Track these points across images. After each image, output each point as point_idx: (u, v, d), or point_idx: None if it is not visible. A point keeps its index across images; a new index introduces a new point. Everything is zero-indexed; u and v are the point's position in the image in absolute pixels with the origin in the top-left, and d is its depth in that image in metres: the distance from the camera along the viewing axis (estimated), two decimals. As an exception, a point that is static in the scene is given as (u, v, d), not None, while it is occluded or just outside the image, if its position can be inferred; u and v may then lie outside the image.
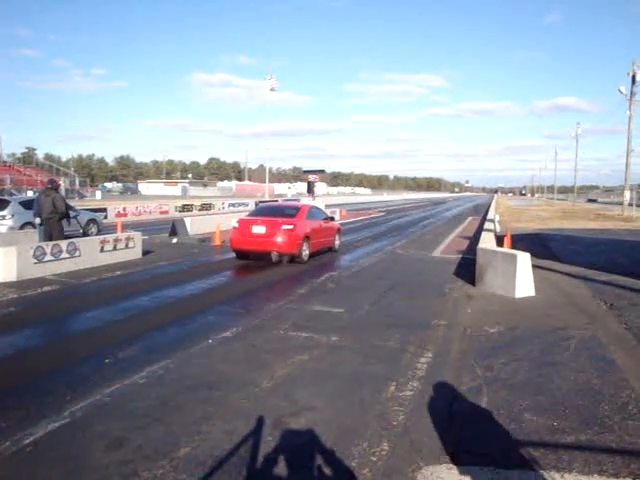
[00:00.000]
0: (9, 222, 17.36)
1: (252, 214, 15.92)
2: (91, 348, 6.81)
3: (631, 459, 3.95)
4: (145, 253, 15.14)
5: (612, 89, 50.58)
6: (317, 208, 17.22)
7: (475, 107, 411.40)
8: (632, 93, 40.45)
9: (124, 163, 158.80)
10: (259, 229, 13.99)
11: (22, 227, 17.24)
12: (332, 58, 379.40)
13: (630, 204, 42.25)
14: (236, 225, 14.62)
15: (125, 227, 20.73)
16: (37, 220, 13.41)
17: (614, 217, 38.70)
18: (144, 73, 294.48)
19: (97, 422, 4.65)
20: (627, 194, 43.12)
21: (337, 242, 17.19)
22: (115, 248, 13.94)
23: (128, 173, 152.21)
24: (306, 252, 14.36)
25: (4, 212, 17.52)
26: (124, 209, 31.37)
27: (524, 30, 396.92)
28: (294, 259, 14.04)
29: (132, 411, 4.91)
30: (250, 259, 14.46)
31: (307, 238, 14.40)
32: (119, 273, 12.37)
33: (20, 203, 18.30)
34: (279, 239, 13.69)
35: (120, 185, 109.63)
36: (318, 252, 15.57)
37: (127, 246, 14.43)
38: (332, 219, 17.68)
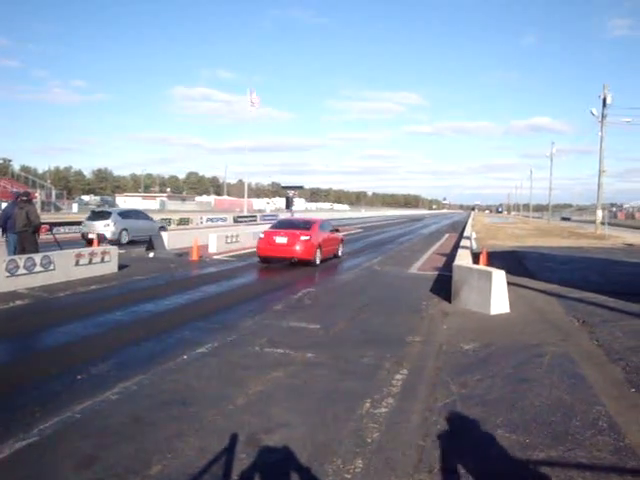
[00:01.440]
0: (112, 228, 22.53)
1: (274, 227, 18.56)
2: (63, 364, 6.70)
3: (600, 474, 3.99)
4: (121, 267, 14.98)
5: (585, 111, 51.79)
6: (326, 222, 20.35)
7: (453, 125, 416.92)
8: (603, 115, 41.36)
9: (102, 176, 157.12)
10: (282, 239, 16.73)
11: (120, 232, 22.72)
12: (313, 74, 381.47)
13: (602, 223, 42.97)
14: (262, 236, 17.40)
15: (102, 241, 20.49)
16: None
17: (587, 235, 39.36)
18: (124, 86, 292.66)
19: (67, 440, 4.57)
20: (599, 213, 43.91)
21: (340, 250, 20.32)
22: (91, 262, 13.77)
23: (106, 186, 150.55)
24: (319, 258, 17.31)
25: (108, 221, 22.63)
26: (101, 223, 30.95)
27: (501, 51, 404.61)
28: (309, 263, 16.77)
29: (103, 428, 4.83)
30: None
31: (319, 246, 17.32)
32: (94, 287, 12.21)
33: (118, 214, 23.83)
34: (298, 247, 16.47)
35: (97, 198, 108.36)
36: (327, 258, 18.30)
37: (103, 260, 14.26)
38: (337, 231, 20.49)
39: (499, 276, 10.25)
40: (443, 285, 13.03)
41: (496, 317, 9.80)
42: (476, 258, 15.68)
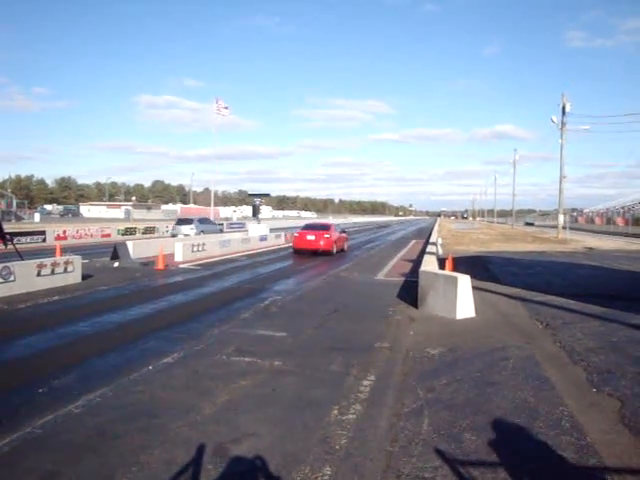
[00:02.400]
0: (195, 230, 32.21)
1: (304, 228, 25.97)
2: (23, 377, 6.52)
3: (564, 473, 4.06)
4: (85, 277, 14.69)
5: (546, 119, 53.03)
6: (338, 225, 29.18)
7: (419, 133, 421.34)
8: (563, 123, 42.43)
9: (65, 185, 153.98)
10: (310, 237, 24.44)
11: (200, 232, 31.82)
12: (279, 83, 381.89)
13: (564, 227, 44.04)
14: (296, 234, 25.36)
15: (65, 251, 20.04)
16: None
17: (550, 240, 40.21)
18: (88, 93, 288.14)
19: (27, 456, 4.43)
20: (561, 218, 45.01)
21: (346, 246, 27.61)
22: (53, 272, 13.46)
23: (69, 195, 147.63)
24: (334, 250, 24.66)
25: (192, 225, 32.99)
26: (64, 232, 30.38)
27: (464, 60, 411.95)
28: (329, 254, 24.04)
29: (66, 443, 4.71)
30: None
31: (335, 242, 24.86)
32: (57, 298, 11.94)
33: (197, 220, 34.50)
34: (322, 242, 24.13)
35: (61, 207, 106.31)
36: (339, 250, 25.50)
37: (66, 270, 13.96)
38: (344, 232, 28.36)
39: (464, 281, 10.38)
40: (410, 291, 13.13)
41: (462, 322, 9.91)
42: (442, 263, 15.85)
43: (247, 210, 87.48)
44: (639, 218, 59.21)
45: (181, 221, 34.86)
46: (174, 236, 30.32)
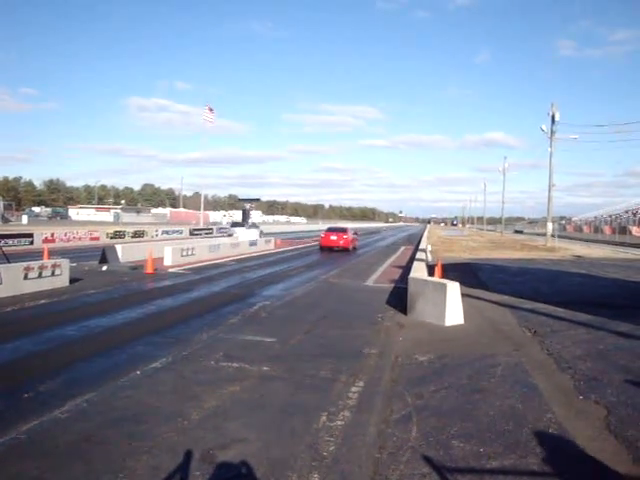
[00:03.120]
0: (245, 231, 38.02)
1: (328, 231, 33.48)
2: (8, 381, 6.44)
3: (551, 482, 4.08)
4: (73, 281, 14.59)
5: (536, 127, 53.55)
6: (352, 229, 36.73)
7: (409, 139, 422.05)
8: (552, 131, 42.74)
9: (54, 187, 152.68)
10: (333, 237, 31.97)
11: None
12: (270, 87, 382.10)
13: (552, 235, 44.33)
14: (322, 235, 32.95)
15: (52, 254, 19.91)
16: None
17: (538, 247, 40.46)
18: (77, 95, 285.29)
19: (11, 462, 4.37)
20: (549, 226, 45.31)
21: (357, 244, 35.39)
22: (40, 275, 13.36)
23: (58, 198, 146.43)
24: (350, 247, 32.32)
25: (243, 228, 38.34)
26: (52, 235, 30.17)
27: (456, 68, 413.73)
28: (346, 250, 31.49)
29: (51, 449, 4.66)
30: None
31: (351, 241, 32.50)
32: (44, 302, 11.85)
33: (248, 224, 41.44)
34: (341, 242, 31.69)
35: (49, 210, 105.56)
36: (353, 248, 32.98)
37: (53, 273, 13.86)
38: (356, 234, 35.76)
39: (454, 288, 10.41)
40: (399, 297, 13.15)
41: (451, 328, 9.94)
42: (431, 270, 15.89)
43: (237, 215, 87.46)
44: (626, 227, 59.76)
45: (234, 224, 45.25)
46: (230, 235, 38.41)
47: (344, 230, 33.61)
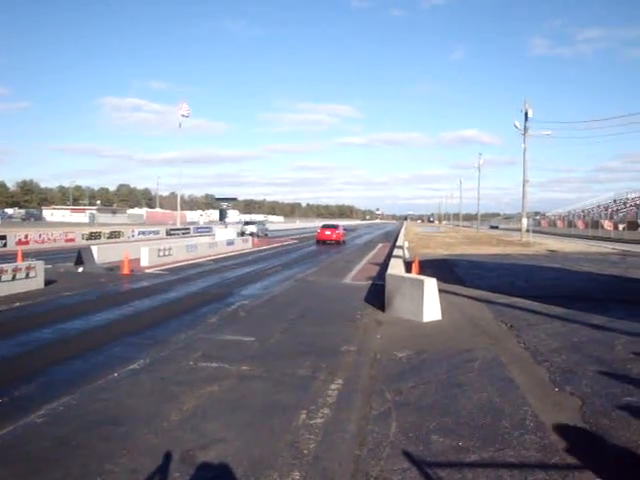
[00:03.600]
0: (255, 229, 48.03)
1: (323, 227, 41.69)
2: (-18, 387, 6.33)
3: (528, 472, 4.15)
4: (48, 283, 14.37)
5: (510, 124, 54.33)
6: (342, 226, 45.92)
7: (385, 137, 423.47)
8: (525, 128, 43.33)
9: (27, 188, 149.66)
10: (328, 232, 39.61)
11: (258, 231, 48.31)
12: (246, 85, 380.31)
13: (527, 230, 44.92)
14: (319, 230, 40.95)
15: (27, 255, 19.58)
16: None
17: (514, 242, 40.96)
18: (50, 94, 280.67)
19: (-14, 468, 4.31)
20: (524, 221, 45.93)
21: (345, 238, 41.97)
22: (14, 278, 13.13)
23: (31, 199, 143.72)
24: (341, 240, 39.55)
25: (254, 225, 50.14)
26: (26, 236, 29.66)
27: (431, 65, 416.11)
28: (339, 243, 38.59)
29: (27, 454, 4.59)
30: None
31: (342, 235, 40.10)
32: (18, 304, 11.65)
33: (258, 221, 60.34)
34: (334, 236, 39.04)
35: (22, 211, 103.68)
36: (343, 241, 40.07)
37: (28, 276, 13.64)
38: (345, 229, 44.96)
39: (431, 284, 10.49)
40: (377, 294, 13.21)
41: (428, 324, 10.02)
42: (408, 267, 15.98)
43: (214, 214, 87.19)
44: (598, 221, 60.78)
45: (247, 223, 53.26)
46: (243, 233, 42.30)
47: (336, 227, 42.72)
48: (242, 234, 41.30)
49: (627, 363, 7.07)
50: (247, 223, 53.74)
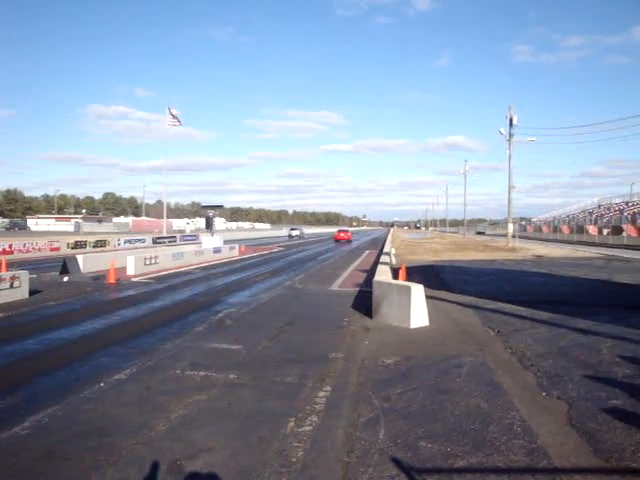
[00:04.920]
0: (299, 233, 76.26)
1: (338, 231, 67.50)
2: (-35, 399, 6.24)
3: (516, 476, 4.16)
4: (33, 293, 14.23)
5: (495, 130, 54.73)
6: (349, 229, 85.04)
7: (372, 144, 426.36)
8: (510, 134, 43.72)
9: (11, 197, 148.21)
10: (342, 234, 64.43)
11: (301, 234, 76.64)
12: (232, 93, 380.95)
13: (513, 236, 45.29)
14: (335, 233, 68.05)
15: (11, 265, 19.38)
16: None
17: (500, 248, 41.24)
18: (34, 102, 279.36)
19: (-31, 481, 4.24)
20: (510, 227, 46.31)
21: (352, 237, 68.14)
22: (-3, 289, 12.97)
23: (16, 208, 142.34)
24: (351, 239, 64.34)
25: (297, 231, 77.55)
26: (10, 246, 29.32)
27: (417, 72, 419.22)
28: (349, 242, 60.34)
29: (10, 467, 4.52)
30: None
31: (350, 236, 66.23)
32: (2, 315, 11.51)
33: (298, 228, 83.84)
34: (346, 236, 63.33)
35: (6, 221, 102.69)
36: (350, 240, 62.43)
37: (12, 286, 13.49)
38: (351, 233, 74.54)
39: (418, 290, 10.51)
40: (364, 301, 13.22)
41: (416, 330, 10.03)
42: (395, 273, 16.03)
43: (201, 222, 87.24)
44: (583, 226, 61.36)
45: (292, 229, 77.95)
46: (291, 237, 67.21)
47: (347, 230, 70.32)
48: (290, 236, 71.52)
49: (613, 367, 7.14)
50: (292, 229, 78.30)
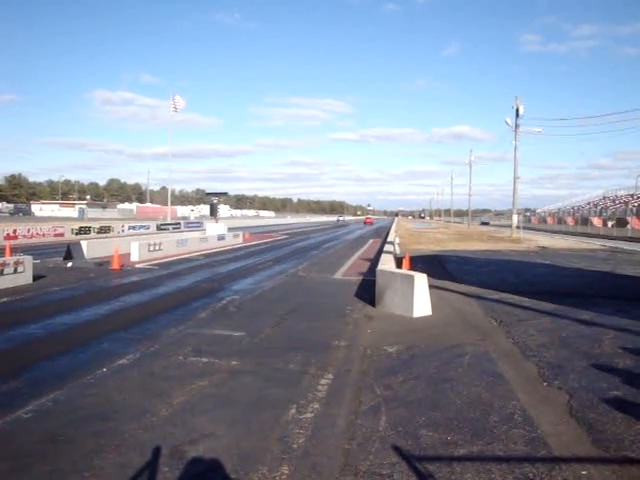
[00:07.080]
0: (342, 218, 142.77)
1: (366, 218, 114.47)
2: (-30, 382, 6.29)
3: (516, 465, 4.18)
4: (37, 278, 14.28)
5: (502, 120, 54.59)
6: (373, 217, 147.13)
7: (378, 133, 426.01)
8: (516, 125, 43.50)
9: (15, 182, 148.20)
10: (368, 220, 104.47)
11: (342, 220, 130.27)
12: (239, 80, 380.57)
13: (518, 227, 45.18)
14: (364, 219, 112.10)
15: (15, 250, 19.45)
16: None
17: (504, 239, 41.19)
18: (39, 87, 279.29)
19: (-27, 463, 4.28)
20: (515, 217, 46.19)
21: (375, 223, 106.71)
22: (2, 273, 13.02)
23: (20, 193, 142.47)
24: (374, 223, 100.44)
25: (341, 216, 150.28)
26: (14, 231, 29.41)
27: (424, 61, 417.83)
28: (372, 224, 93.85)
29: (14, 450, 4.55)
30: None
31: (374, 221, 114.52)
32: (6, 300, 11.57)
33: (340, 214, 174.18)
34: (369, 221, 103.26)
35: (11, 206, 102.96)
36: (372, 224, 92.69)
37: (16, 271, 13.54)
38: (374, 218, 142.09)
39: (421, 280, 10.51)
40: (367, 290, 13.23)
41: (419, 320, 10.05)
42: (399, 262, 16.02)
43: (205, 209, 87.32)
44: (587, 218, 61.17)
45: (339, 216, 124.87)
46: (338, 221, 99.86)
47: (371, 217, 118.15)
48: (337, 220, 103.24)
49: (614, 358, 7.15)
50: (340, 216, 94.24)
